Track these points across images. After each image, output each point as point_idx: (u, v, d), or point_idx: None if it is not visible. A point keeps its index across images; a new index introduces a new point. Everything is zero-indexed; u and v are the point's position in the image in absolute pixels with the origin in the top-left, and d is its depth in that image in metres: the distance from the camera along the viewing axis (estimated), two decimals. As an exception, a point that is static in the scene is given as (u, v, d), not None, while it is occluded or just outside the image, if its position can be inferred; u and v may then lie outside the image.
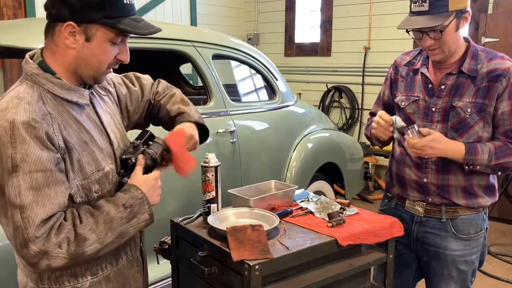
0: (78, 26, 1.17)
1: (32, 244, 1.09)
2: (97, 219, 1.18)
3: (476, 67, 1.72)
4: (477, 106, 1.71)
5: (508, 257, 3.82)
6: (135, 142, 1.37)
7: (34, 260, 1.10)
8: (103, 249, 1.19)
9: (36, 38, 1.99)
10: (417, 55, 1.90)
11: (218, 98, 2.91)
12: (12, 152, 1.08)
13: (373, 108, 2.08)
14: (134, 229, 1.25)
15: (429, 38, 1.66)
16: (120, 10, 1.19)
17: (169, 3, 6.01)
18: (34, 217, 1.09)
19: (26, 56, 1.24)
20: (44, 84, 1.19)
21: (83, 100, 1.27)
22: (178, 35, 2.80)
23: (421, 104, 1.81)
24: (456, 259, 1.82)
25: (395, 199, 1.96)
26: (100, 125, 1.32)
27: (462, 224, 1.80)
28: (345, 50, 6.08)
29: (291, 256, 1.38)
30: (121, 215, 1.21)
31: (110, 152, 1.33)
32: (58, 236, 1.11)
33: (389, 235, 1.61)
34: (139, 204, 1.25)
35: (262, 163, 3.16)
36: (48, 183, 1.12)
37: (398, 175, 1.90)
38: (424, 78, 1.81)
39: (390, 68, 1.98)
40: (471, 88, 1.72)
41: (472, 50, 1.75)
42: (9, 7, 4.45)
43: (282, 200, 1.78)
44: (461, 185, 1.77)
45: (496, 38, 4.50)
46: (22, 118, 1.10)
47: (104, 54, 1.21)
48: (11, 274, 1.41)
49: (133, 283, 1.40)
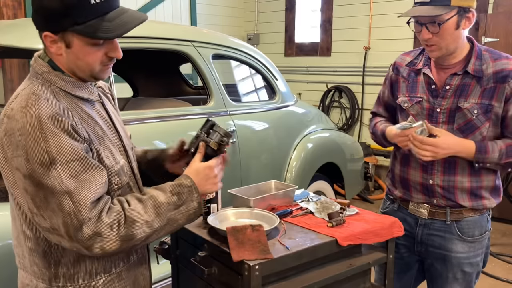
0: (55, 35, 1.16)
1: (86, 226, 1.11)
2: (145, 204, 1.21)
3: (481, 68, 1.70)
4: (484, 107, 1.69)
5: (508, 257, 3.82)
6: (198, 131, 1.42)
7: (89, 243, 1.12)
8: (152, 234, 1.21)
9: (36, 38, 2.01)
10: (419, 55, 1.87)
11: (218, 98, 2.91)
12: (46, 146, 1.10)
13: (374, 108, 2.07)
14: (183, 216, 1.27)
15: (427, 32, 1.65)
16: (88, 13, 1.13)
17: (169, 3, 6.01)
18: (84, 199, 1.11)
19: (35, 55, 1.26)
20: (56, 82, 1.20)
21: (93, 96, 1.29)
22: (178, 35, 2.80)
23: (424, 105, 1.79)
24: (461, 261, 1.80)
25: (397, 201, 1.93)
26: (109, 121, 1.35)
27: (467, 226, 1.79)
28: (345, 50, 6.08)
29: (291, 256, 1.38)
30: (168, 201, 1.24)
31: (120, 147, 1.35)
32: (109, 218, 1.14)
33: (389, 235, 1.61)
34: (187, 192, 1.28)
35: (262, 163, 3.16)
36: (85, 169, 1.14)
37: (402, 176, 1.88)
38: (427, 78, 1.79)
39: (390, 68, 1.96)
40: (477, 89, 1.70)
41: (476, 50, 1.73)
42: (9, 7, 4.46)
43: (282, 200, 1.78)
44: (467, 186, 1.76)
45: (496, 38, 4.50)
46: (46, 113, 1.11)
47: (90, 57, 1.19)
48: (11, 274, 1.41)
49: (141, 280, 1.42)
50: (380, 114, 2.04)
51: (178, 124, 2.67)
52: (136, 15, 1.20)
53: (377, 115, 2.06)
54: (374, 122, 2.03)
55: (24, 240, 1.25)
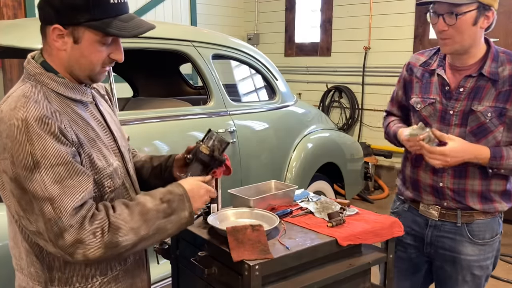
0: (65, 29, 1.16)
1: (67, 233, 1.09)
2: (132, 210, 1.18)
3: (497, 70, 1.66)
4: (498, 111, 1.65)
5: (508, 257, 3.82)
6: (197, 140, 1.43)
7: (71, 250, 1.10)
8: (139, 242, 1.18)
9: (36, 38, 1.99)
10: (433, 55, 1.83)
11: (218, 98, 2.91)
12: (31, 149, 1.09)
13: (388, 107, 2.04)
14: (173, 226, 1.24)
15: (443, 22, 1.60)
16: (106, 11, 1.16)
17: (169, 3, 6.01)
18: (66, 206, 1.09)
19: (28, 56, 1.25)
20: (48, 84, 1.20)
21: (86, 98, 1.28)
22: (178, 35, 2.80)
23: (437, 106, 1.75)
24: (471, 264, 1.77)
25: (408, 202, 1.91)
26: (103, 123, 1.33)
27: (478, 229, 1.76)
28: (345, 50, 6.08)
29: (291, 256, 1.38)
30: (157, 208, 1.21)
31: (115, 148, 1.34)
32: (92, 225, 1.11)
33: (389, 235, 1.61)
34: (178, 200, 1.25)
35: (262, 163, 3.16)
36: (70, 174, 1.12)
37: (413, 178, 1.86)
38: (441, 79, 1.75)
39: (404, 68, 1.92)
40: (491, 92, 1.66)
41: (493, 52, 1.69)
42: (9, 7, 4.46)
43: (282, 200, 1.78)
44: (477, 190, 1.73)
45: (496, 38, 4.50)
46: (34, 115, 1.10)
47: (95, 55, 1.20)
48: (11, 274, 1.41)
49: (139, 282, 1.41)
50: (393, 113, 2.01)
51: (178, 124, 2.67)
52: (144, 22, 1.24)
53: (390, 114, 2.03)
54: (388, 121, 2.00)
55: (21, 241, 1.24)
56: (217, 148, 1.41)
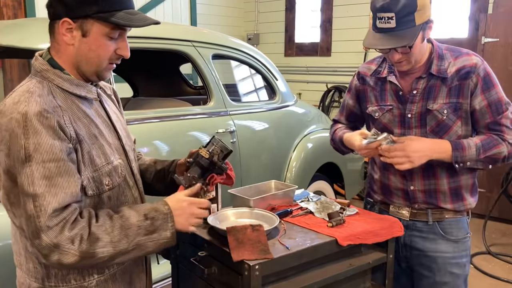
0: (74, 22, 1.19)
1: (44, 234, 1.09)
2: (114, 223, 1.17)
3: (445, 67, 1.70)
4: (452, 106, 1.69)
5: (508, 257, 3.82)
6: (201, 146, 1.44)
7: (45, 251, 1.10)
8: (117, 255, 1.17)
9: (36, 38, 1.99)
10: (382, 62, 1.86)
11: (218, 98, 2.91)
12: (25, 142, 1.10)
13: (337, 116, 2.08)
14: (154, 244, 1.23)
15: (397, 53, 1.63)
16: (114, 4, 1.20)
17: (169, 3, 6.01)
18: (46, 206, 1.09)
19: (36, 54, 1.28)
20: (54, 80, 1.22)
21: (91, 95, 1.30)
22: (178, 35, 2.80)
23: (395, 112, 1.78)
24: (447, 261, 1.79)
25: (378, 204, 1.92)
26: (108, 121, 1.35)
27: (450, 226, 1.79)
28: (345, 50, 6.08)
29: (291, 256, 1.38)
30: (139, 224, 1.20)
31: (119, 147, 1.35)
32: (72, 231, 1.11)
33: (389, 235, 1.61)
34: (162, 219, 1.23)
35: (262, 163, 3.16)
36: (60, 172, 1.12)
37: (383, 182, 1.87)
38: (394, 86, 1.78)
39: (354, 77, 1.95)
40: (443, 89, 1.70)
41: (437, 50, 1.73)
42: (9, 7, 4.45)
43: (282, 200, 1.78)
44: (448, 188, 1.76)
45: (496, 38, 4.50)
46: (34, 110, 1.12)
47: (102, 49, 1.22)
48: (11, 274, 1.41)
49: (137, 282, 1.41)
50: (341, 122, 2.05)
51: (178, 124, 2.67)
52: (149, 17, 1.27)
53: (337, 123, 2.07)
54: (334, 129, 2.04)
55: (19, 237, 1.25)
56: (217, 153, 1.41)
